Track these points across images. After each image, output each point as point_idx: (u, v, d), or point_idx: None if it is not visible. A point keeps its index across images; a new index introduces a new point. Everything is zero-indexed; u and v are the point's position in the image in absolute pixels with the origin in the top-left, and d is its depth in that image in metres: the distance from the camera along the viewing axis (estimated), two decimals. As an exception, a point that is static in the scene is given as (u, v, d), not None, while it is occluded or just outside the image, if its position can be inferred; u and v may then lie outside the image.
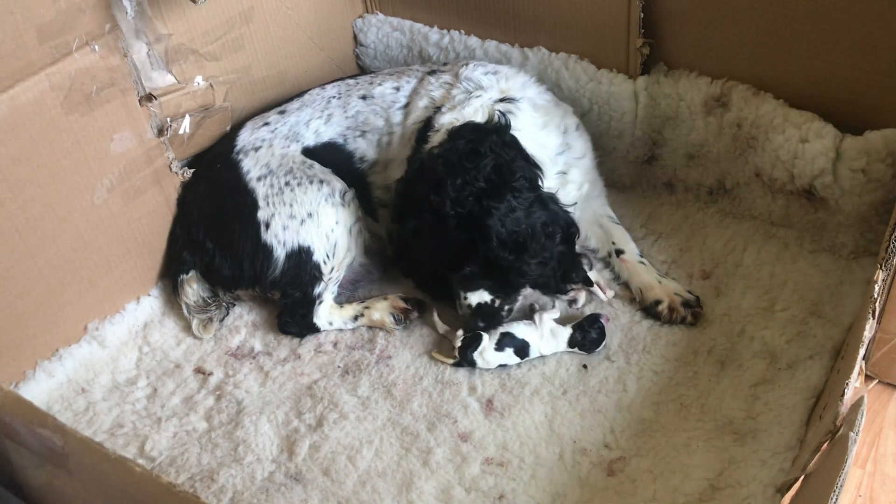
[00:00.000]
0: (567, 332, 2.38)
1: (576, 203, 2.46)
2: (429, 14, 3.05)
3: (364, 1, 3.18)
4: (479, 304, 2.35)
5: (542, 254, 2.27)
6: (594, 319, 2.39)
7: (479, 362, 2.37)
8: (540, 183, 2.31)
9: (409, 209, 2.33)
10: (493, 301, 2.36)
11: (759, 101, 2.49)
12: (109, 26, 2.35)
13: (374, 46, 3.15)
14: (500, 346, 2.36)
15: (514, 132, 2.36)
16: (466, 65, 2.62)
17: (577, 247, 2.43)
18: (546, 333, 2.38)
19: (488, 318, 2.38)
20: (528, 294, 2.49)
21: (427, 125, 2.49)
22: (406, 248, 2.41)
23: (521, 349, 2.37)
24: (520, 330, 2.38)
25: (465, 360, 2.38)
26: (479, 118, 2.39)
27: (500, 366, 2.38)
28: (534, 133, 2.42)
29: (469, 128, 2.35)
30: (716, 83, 2.57)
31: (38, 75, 2.23)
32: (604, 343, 2.39)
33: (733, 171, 2.64)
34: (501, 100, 2.46)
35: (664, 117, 2.68)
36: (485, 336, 2.37)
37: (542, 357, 2.41)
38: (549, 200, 2.32)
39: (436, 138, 2.40)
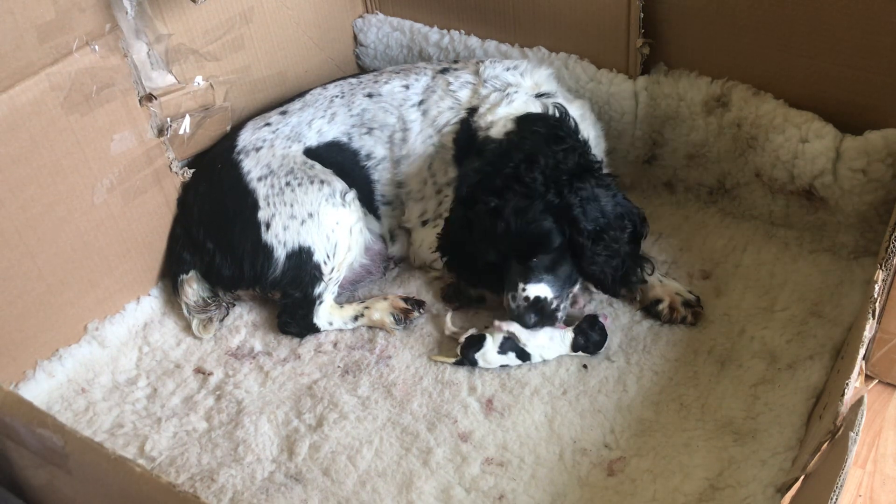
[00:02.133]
0: (568, 334, 2.38)
1: None
2: (429, 14, 3.05)
3: (364, 1, 3.18)
4: (537, 297, 2.30)
5: (613, 245, 2.27)
6: (594, 321, 2.39)
7: (481, 362, 2.37)
8: None
9: (488, 189, 2.23)
10: (551, 299, 2.32)
11: (759, 101, 2.49)
12: (109, 26, 2.35)
13: (374, 46, 3.15)
14: (503, 350, 2.36)
15: None
16: (481, 62, 2.64)
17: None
18: (545, 340, 2.37)
19: (542, 313, 2.32)
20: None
21: (466, 127, 2.49)
22: (464, 235, 2.31)
23: (523, 353, 2.37)
24: (522, 337, 2.37)
25: (466, 359, 2.38)
26: (535, 111, 2.40)
27: (502, 366, 2.38)
28: (580, 126, 2.45)
29: (538, 116, 2.37)
30: (716, 83, 2.57)
31: (38, 75, 2.23)
32: (606, 343, 2.38)
33: (733, 171, 2.64)
34: (539, 94, 2.48)
35: (664, 117, 2.68)
36: (488, 338, 2.37)
37: (542, 360, 2.40)
38: (623, 196, 2.34)
39: (497, 128, 2.38)
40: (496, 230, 2.21)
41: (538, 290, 2.29)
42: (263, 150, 2.59)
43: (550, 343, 2.36)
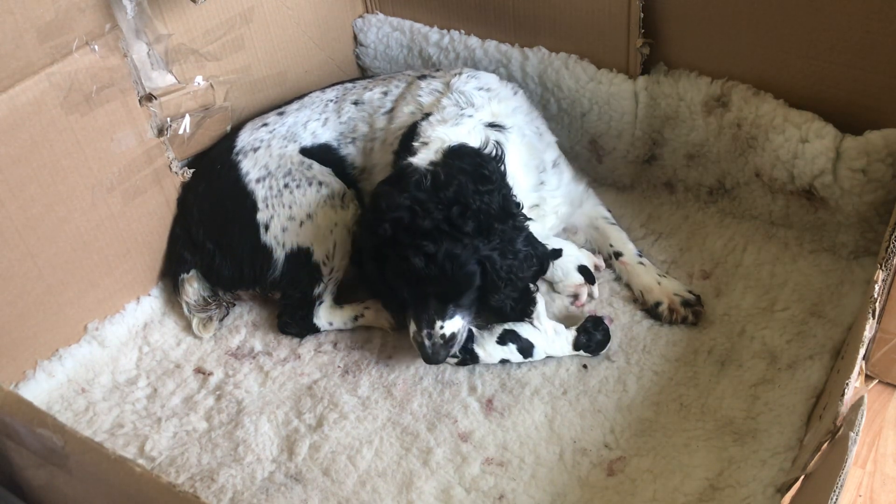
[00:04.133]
0: (570, 332, 2.38)
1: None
2: (429, 14, 3.05)
3: (364, 1, 3.18)
4: (452, 334, 2.25)
5: (518, 283, 2.27)
6: (598, 322, 2.39)
7: (482, 355, 2.37)
8: None
9: (418, 232, 2.14)
10: (458, 331, 2.27)
11: (759, 101, 2.49)
12: (109, 26, 2.35)
13: (375, 46, 3.15)
14: (502, 341, 2.36)
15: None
16: (459, 74, 2.57)
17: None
18: (550, 334, 2.38)
19: (456, 345, 2.29)
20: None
21: (412, 132, 2.42)
22: (378, 266, 2.24)
23: (526, 350, 2.37)
24: (524, 331, 2.37)
25: (467, 355, 2.37)
26: (473, 142, 2.31)
27: (503, 361, 2.38)
28: (514, 170, 2.36)
29: (469, 150, 2.29)
30: (716, 83, 2.57)
31: (38, 75, 2.23)
32: (609, 343, 2.38)
33: (733, 171, 2.64)
34: (491, 124, 2.39)
35: (664, 117, 2.68)
36: (474, 330, 2.37)
37: (545, 357, 2.40)
38: (533, 237, 2.32)
39: (425, 152, 2.30)
40: (428, 273, 2.13)
41: (453, 325, 2.25)
42: (261, 151, 2.59)
43: (556, 337, 2.37)
